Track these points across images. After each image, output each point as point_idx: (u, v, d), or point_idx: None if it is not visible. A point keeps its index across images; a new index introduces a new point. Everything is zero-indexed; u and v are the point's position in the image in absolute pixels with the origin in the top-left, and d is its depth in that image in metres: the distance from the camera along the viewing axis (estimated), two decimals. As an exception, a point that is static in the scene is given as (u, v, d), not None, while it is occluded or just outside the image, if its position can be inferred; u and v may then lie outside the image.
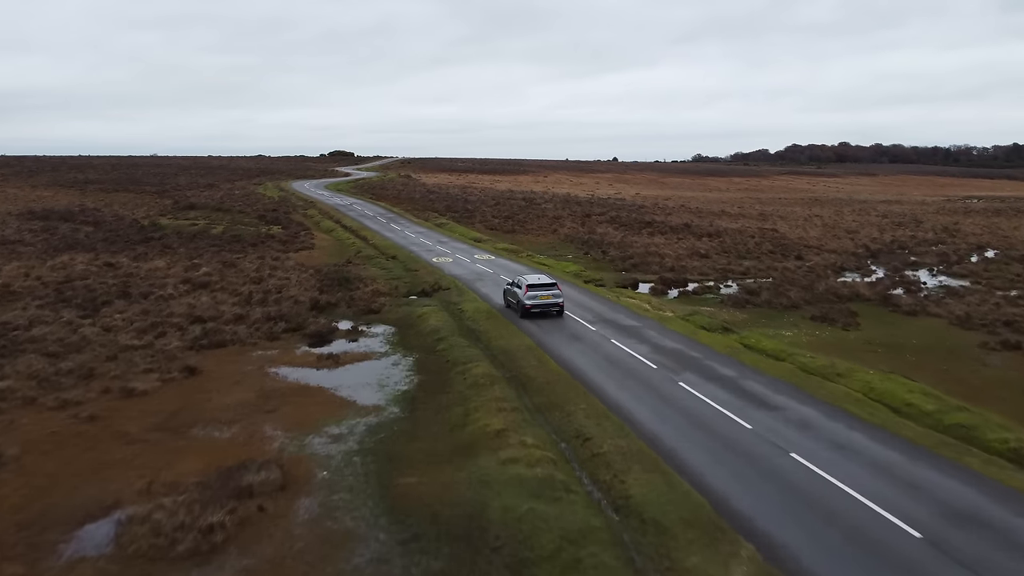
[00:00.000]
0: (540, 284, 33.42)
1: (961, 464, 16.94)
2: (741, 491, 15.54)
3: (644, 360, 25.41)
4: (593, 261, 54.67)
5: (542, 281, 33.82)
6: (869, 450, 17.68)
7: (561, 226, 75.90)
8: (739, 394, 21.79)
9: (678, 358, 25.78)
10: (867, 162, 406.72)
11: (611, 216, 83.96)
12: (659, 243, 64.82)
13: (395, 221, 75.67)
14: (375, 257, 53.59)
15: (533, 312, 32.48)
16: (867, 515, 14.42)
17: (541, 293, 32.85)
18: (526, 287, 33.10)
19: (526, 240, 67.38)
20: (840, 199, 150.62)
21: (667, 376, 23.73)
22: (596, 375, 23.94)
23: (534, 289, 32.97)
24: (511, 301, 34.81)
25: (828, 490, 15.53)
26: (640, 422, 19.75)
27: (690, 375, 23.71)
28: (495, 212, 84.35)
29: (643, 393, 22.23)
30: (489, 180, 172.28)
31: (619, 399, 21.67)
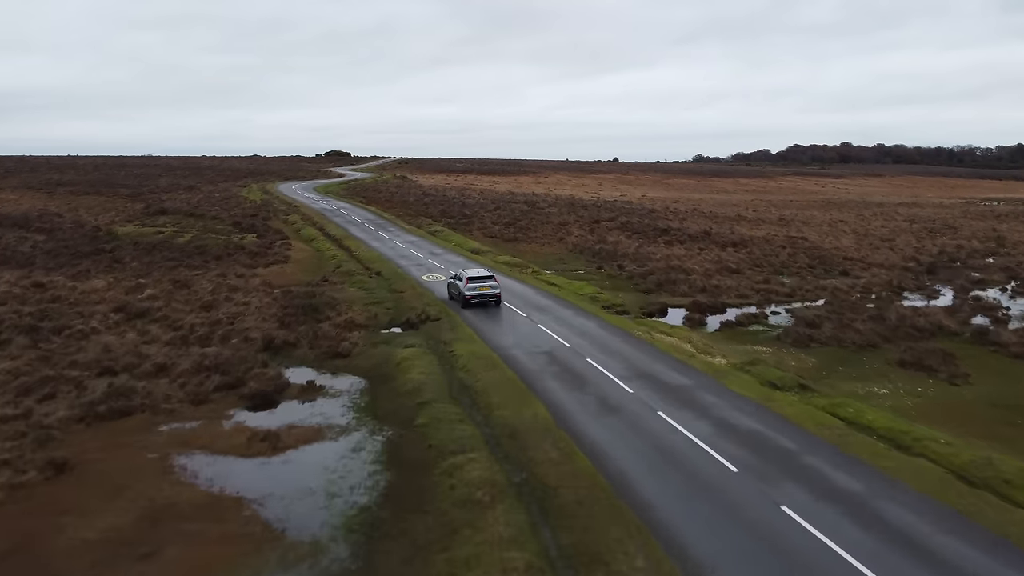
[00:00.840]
0: (479, 276, 35.59)
1: None
2: None
3: (714, 454, 17.32)
4: (609, 278, 46.82)
5: (481, 274, 36.21)
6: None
7: (568, 234, 68.09)
8: (893, 541, 13.51)
9: (763, 450, 17.64)
10: (870, 162, 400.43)
11: (622, 222, 76.16)
12: (680, 255, 57.02)
13: (385, 228, 67.86)
14: (357, 273, 45.76)
15: (473, 302, 34.74)
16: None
17: (480, 285, 34.98)
18: (467, 279, 35.26)
19: (530, 251, 59.58)
20: (854, 201, 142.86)
21: (759, 493, 15.48)
22: (649, 487, 15.90)
23: (474, 281, 35.07)
24: (454, 293, 36.70)
25: None
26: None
27: (794, 490, 15.54)
28: (495, 218, 76.54)
29: (734, 536, 13.90)
30: (488, 181, 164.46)
31: (697, 549, 13.38)
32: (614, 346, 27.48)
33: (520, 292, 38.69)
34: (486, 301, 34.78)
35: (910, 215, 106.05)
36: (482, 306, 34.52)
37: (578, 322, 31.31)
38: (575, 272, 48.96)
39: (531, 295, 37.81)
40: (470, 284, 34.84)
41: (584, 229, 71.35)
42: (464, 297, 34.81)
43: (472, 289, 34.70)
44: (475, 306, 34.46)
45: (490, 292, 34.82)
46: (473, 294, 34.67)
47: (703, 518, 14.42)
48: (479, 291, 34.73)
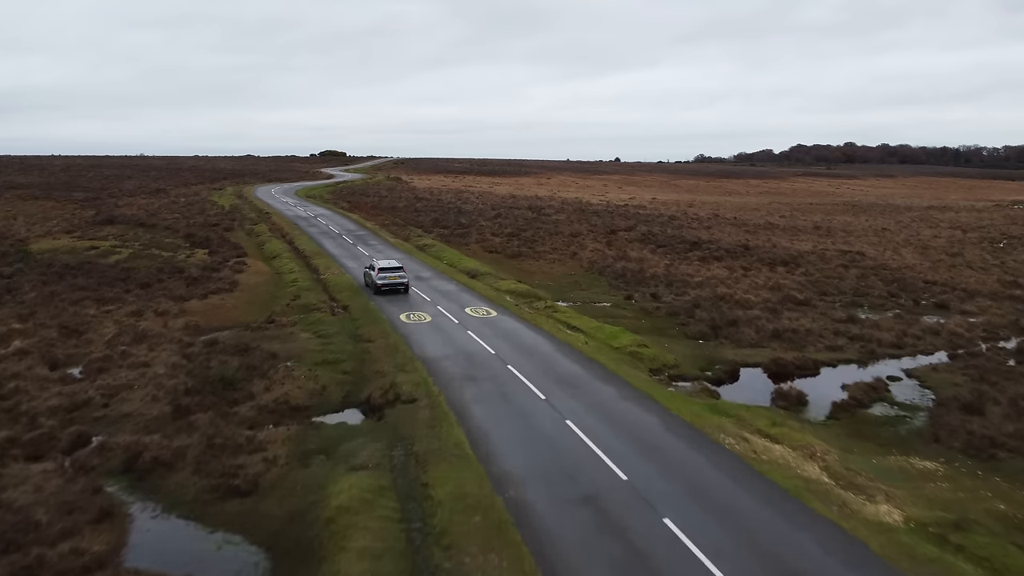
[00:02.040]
0: (389, 268, 38.33)
1: None
2: None
3: None
4: (643, 314, 35.69)
5: (391, 265, 38.71)
6: None
7: (582, 247, 57.01)
8: None
9: None
10: (875, 162, 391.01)
11: (642, 232, 65.07)
12: (723, 277, 45.97)
13: (365, 242, 56.74)
14: (317, 308, 34.72)
15: (384, 289, 37.42)
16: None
17: (390, 275, 37.83)
18: (378, 269, 38.11)
19: (538, 271, 48.51)
20: (878, 204, 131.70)
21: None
22: None
23: (384, 272, 37.91)
24: (368, 281, 39.43)
25: None
26: None
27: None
28: (495, 228, 65.40)
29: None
30: (488, 183, 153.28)
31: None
32: (704, 480, 16.01)
33: (534, 347, 27.47)
34: (396, 288, 37.92)
35: (952, 221, 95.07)
36: (392, 292, 37.57)
37: (629, 416, 20.11)
38: (599, 304, 37.84)
39: (550, 353, 26.58)
40: (381, 273, 38.09)
41: (600, 242, 60.30)
42: (376, 285, 37.99)
43: (383, 278, 37.91)
44: (386, 293, 37.52)
45: (399, 281, 38.10)
46: (384, 282, 37.84)
47: None
48: (389, 280, 37.92)
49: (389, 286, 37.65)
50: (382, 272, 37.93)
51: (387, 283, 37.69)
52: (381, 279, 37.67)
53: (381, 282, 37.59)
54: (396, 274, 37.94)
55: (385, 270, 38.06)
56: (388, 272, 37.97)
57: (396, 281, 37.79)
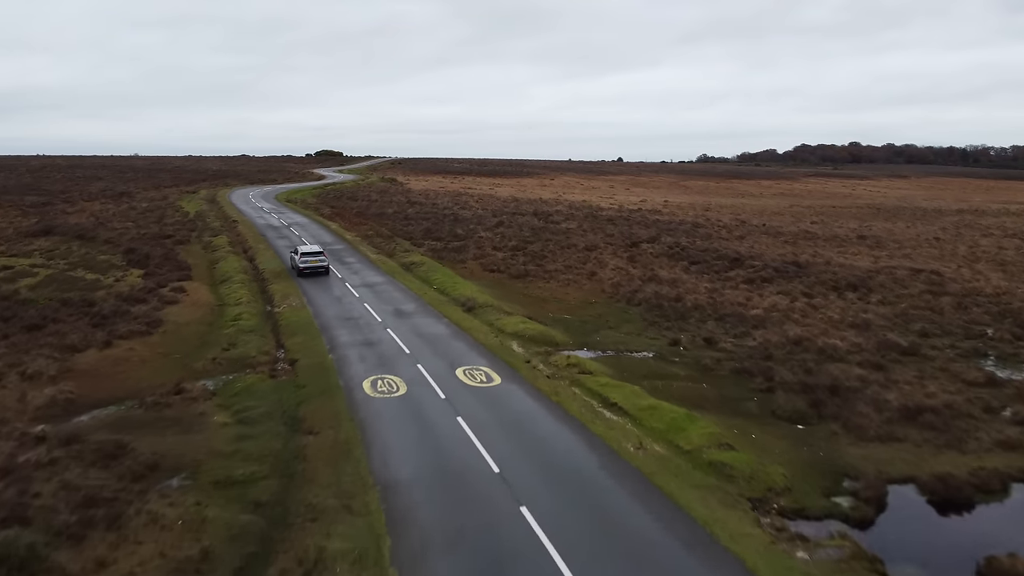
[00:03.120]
0: (310, 252, 42.09)
1: None
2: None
3: None
4: (702, 371, 25.64)
5: (313, 250, 42.65)
6: None
7: (601, 264, 47.11)
8: None
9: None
10: (882, 162, 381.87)
11: (668, 244, 55.14)
12: (783, 306, 36.14)
13: (341, 258, 46.85)
14: (253, 365, 24.92)
15: (305, 272, 40.78)
16: None
17: (311, 259, 41.48)
18: (300, 253, 41.94)
19: (550, 297, 38.66)
20: (905, 207, 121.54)
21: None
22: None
23: (306, 256, 41.64)
24: (292, 264, 42.81)
25: None
26: None
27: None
28: (497, 239, 55.46)
29: None
30: (488, 184, 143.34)
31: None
32: None
33: (563, 456, 17.37)
34: (316, 271, 41.04)
35: (1001, 227, 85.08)
36: (314, 275, 40.34)
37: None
38: (638, 355, 27.85)
39: (588, 473, 16.47)
40: (303, 257, 41.46)
41: (621, 257, 50.41)
42: (298, 268, 41.21)
43: (305, 262, 41.18)
44: (308, 275, 40.25)
45: (318, 264, 41.34)
46: (305, 265, 41.03)
47: None
48: (310, 263, 41.16)
49: (310, 268, 40.95)
50: (304, 256, 41.58)
51: (308, 266, 41.04)
52: (303, 263, 41.14)
53: (303, 265, 41.03)
54: (316, 258, 41.63)
55: (307, 254, 41.79)
56: (310, 256, 41.66)
57: (316, 264, 41.29)
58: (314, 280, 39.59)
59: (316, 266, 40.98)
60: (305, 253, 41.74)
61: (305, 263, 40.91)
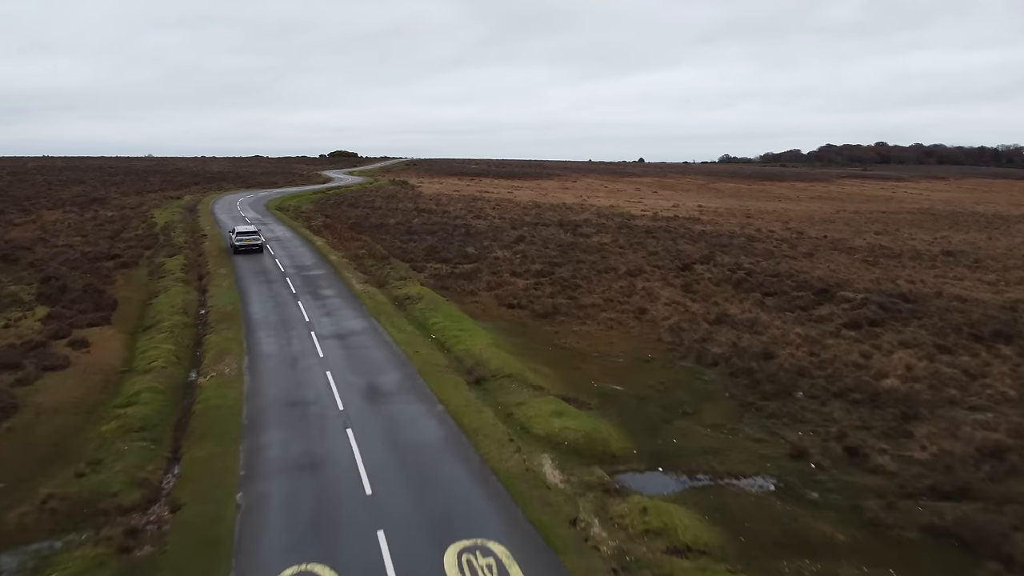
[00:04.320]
0: (246, 232, 44.39)
1: None
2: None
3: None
4: (870, 530, 14.75)
5: (248, 230, 44.82)
6: None
7: (651, 297, 36.25)
8: None
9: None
10: (912, 163, 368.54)
11: (728, 266, 44.10)
12: (924, 371, 25.17)
13: (317, 289, 36.24)
14: (106, 509, 14.37)
15: (240, 248, 43.53)
16: None
17: (245, 237, 43.95)
18: (236, 233, 44.30)
19: (590, 351, 27.80)
20: (961, 213, 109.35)
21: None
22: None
23: (241, 235, 43.98)
24: (228, 243, 45.60)
25: None
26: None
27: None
28: (517, 261, 44.62)
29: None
30: (506, 187, 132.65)
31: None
32: None
33: None
34: (251, 248, 43.70)
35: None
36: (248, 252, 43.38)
37: None
38: (747, 482, 16.93)
39: None
40: (238, 236, 43.92)
41: (673, 285, 39.53)
42: (233, 245, 43.93)
43: (240, 240, 43.74)
44: (243, 252, 43.34)
45: (252, 243, 43.95)
46: (240, 243, 43.64)
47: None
48: (245, 241, 43.75)
49: (245, 247, 43.35)
50: (240, 235, 43.81)
51: (243, 244, 43.43)
52: (239, 241, 43.51)
53: (238, 243, 43.45)
54: (251, 236, 43.89)
55: (242, 234, 43.94)
56: (244, 235, 43.86)
57: (250, 243, 43.57)
58: (273, 326, 28.91)
59: (251, 244, 43.76)
60: (241, 232, 44.31)
61: (241, 241, 43.69)
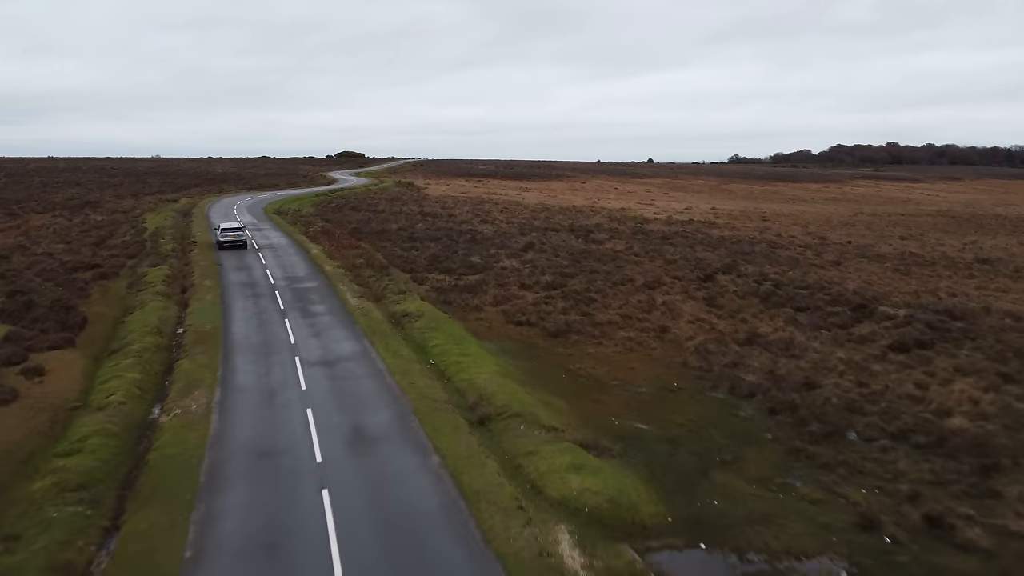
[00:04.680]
0: (231, 228, 46.63)
1: None
2: None
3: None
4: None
5: (233, 226, 47.03)
6: None
7: (672, 313, 32.97)
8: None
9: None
10: (924, 163, 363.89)
11: (752, 277, 40.76)
12: (992, 405, 21.83)
13: (307, 305, 33.09)
14: None
15: (223, 245, 45.33)
16: None
17: (230, 233, 45.92)
18: (221, 229, 46.58)
19: (608, 378, 24.57)
20: (983, 215, 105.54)
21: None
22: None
23: (226, 231, 46.17)
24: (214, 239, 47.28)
25: None
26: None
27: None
28: (527, 271, 41.39)
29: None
30: (514, 189, 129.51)
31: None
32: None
33: None
34: (235, 244, 45.43)
35: None
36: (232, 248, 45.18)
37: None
38: (811, 565, 13.71)
39: None
40: (223, 232, 45.97)
41: (696, 298, 36.26)
42: (217, 241, 45.83)
43: (225, 236, 45.73)
44: (227, 248, 45.14)
45: (237, 238, 45.78)
46: (225, 239, 45.53)
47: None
48: (229, 237, 45.64)
49: (229, 242, 45.38)
50: (224, 231, 46.15)
51: (228, 240, 45.53)
52: (223, 237, 45.66)
53: (223, 239, 45.57)
54: (235, 233, 46.12)
55: (227, 230, 46.29)
56: (229, 231, 46.17)
57: (235, 239, 45.67)
58: (255, 350, 25.80)
59: (235, 240, 45.61)
60: (225, 229, 46.25)
61: (225, 237, 45.50)
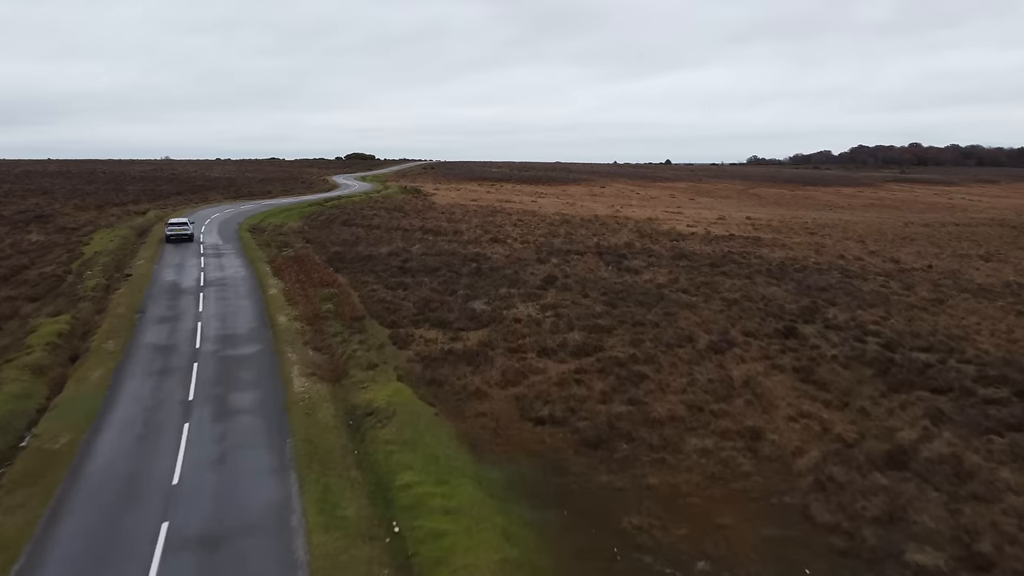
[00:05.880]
0: (177, 223, 50.39)
1: None
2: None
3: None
4: None
5: (179, 221, 50.91)
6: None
7: (760, 404, 22.35)
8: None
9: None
10: (950, 164, 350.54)
11: (849, 330, 30.05)
12: None
13: (234, 387, 22.95)
14: None
15: (171, 238, 48.78)
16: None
17: (175, 228, 49.46)
18: (168, 223, 50.79)
19: (685, 552, 13.95)
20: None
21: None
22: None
23: (172, 226, 49.82)
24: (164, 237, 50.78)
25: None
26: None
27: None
28: (548, 325, 30.70)
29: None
30: (530, 194, 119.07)
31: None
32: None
33: None
34: (180, 238, 48.79)
35: None
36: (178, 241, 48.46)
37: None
38: None
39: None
40: (170, 227, 49.66)
41: (782, 368, 25.63)
42: (166, 236, 48.87)
43: (171, 230, 49.28)
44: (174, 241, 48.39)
45: (183, 232, 49.34)
46: (171, 233, 49.05)
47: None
48: (176, 231, 49.15)
49: (176, 236, 48.79)
50: (171, 226, 49.93)
51: (174, 233, 49.01)
52: (170, 231, 49.34)
53: (170, 233, 49.14)
54: (181, 228, 49.68)
55: (173, 224, 50.14)
56: (175, 226, 49.84)
57: (180, 233, 49.11)
58: (104, 493, 15.45)
59: (181, 234, 48.88)
60: (172, 223, 50.17)
61: (172, 231, 48.95)
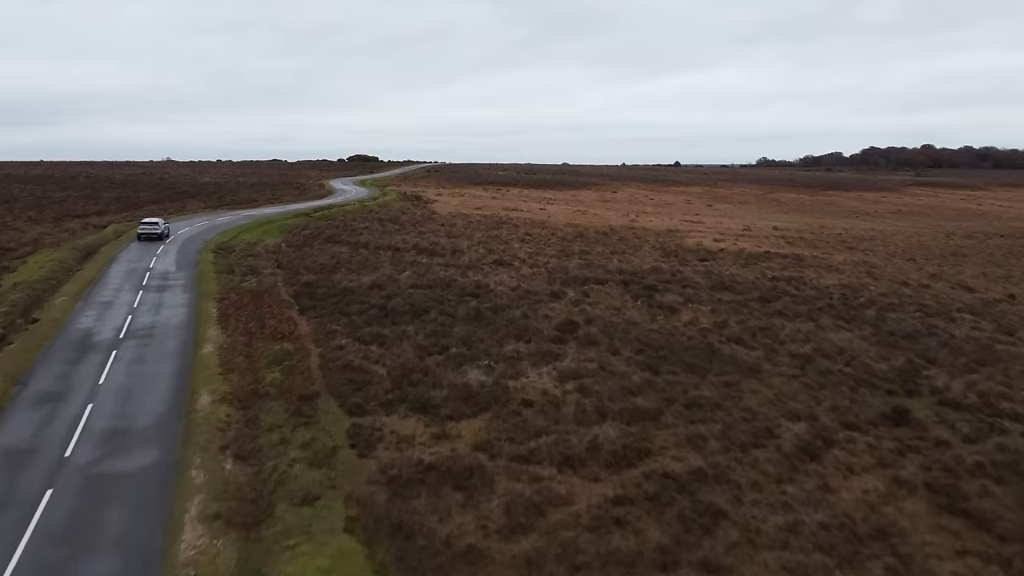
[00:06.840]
0: (149, 222, 53.84)
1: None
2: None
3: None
4: None
5: (151, 220, 54.24)
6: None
7: (901, 566, 14.19)
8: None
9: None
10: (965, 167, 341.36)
11: (966, 403, 21.88)
12: None
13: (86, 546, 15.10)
14: None
15: (141, 236, 51.81)
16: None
17: (147, 227, 52.70)
18: (140, 223, 54.11)
19: None
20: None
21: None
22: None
23: (144, 225, 53.16)
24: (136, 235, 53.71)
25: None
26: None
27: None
28: (570, 407, 22.77)
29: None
30: (537, 200, 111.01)
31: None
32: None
33: None
34: (151, 236, 51.54)
35: None
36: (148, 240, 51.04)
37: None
38: None
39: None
40: (142, 226, 52.97)
41: (905, 484, 17.40)
42: (138, 234, 52.04)
43: (143, 229, 52.49)
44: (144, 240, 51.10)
45: (154, 231, 52.26)
46: (142, 231, 52.28)
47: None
48: (147, 231, 52.18)
49: (146, 234, 51.78)
50: (143, 225, 53.14)
51: (145, 232, 52.09)
52: (141, 230, 52.49)
53: (141, 231, 52.37)
54: (152, 227, 52.54)
55: (146, 223, 53.53)
56: (147, 226, 52.95)
57: (151, 231, 51.98)
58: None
59: (151, 232, 52.19)
60: (145, 223, 53.85)
61: (143, 230, 52.58)
